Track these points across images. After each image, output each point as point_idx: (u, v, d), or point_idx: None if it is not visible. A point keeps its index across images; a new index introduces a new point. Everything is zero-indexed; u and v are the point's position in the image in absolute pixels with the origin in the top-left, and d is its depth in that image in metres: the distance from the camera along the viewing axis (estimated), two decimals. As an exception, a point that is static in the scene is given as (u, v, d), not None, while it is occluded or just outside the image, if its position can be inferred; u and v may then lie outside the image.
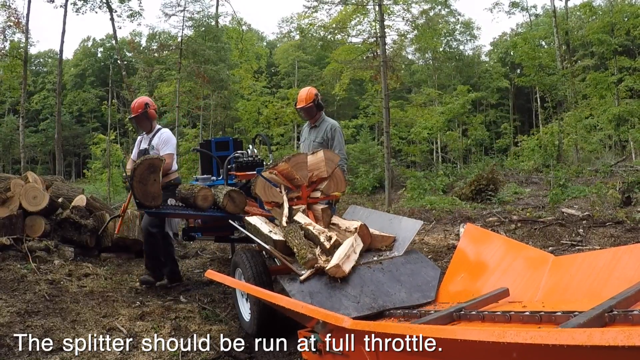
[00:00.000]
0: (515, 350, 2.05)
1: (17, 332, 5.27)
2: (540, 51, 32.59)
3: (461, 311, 3.62)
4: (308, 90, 7.81)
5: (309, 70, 54.91)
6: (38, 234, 8.37)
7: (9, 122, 54.01)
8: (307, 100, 7.65)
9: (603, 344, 1.68)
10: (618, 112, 31.87)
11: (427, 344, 2.59)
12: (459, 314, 3.60)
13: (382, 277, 4.90)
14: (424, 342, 2.56)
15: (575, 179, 20.69)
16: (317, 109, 7.68)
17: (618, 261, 3.69)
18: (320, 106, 7.70)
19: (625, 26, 33.48)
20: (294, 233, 5.24)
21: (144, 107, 7.78)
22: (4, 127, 54.20)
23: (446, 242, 10.41)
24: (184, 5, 32.60)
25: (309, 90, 7.76)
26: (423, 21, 29.41)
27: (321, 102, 7.72)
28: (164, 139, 7.79)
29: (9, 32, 29.64)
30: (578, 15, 40.91)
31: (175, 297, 7.13)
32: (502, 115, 59.19)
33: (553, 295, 3.84)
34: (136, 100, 7.97)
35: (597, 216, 10.74)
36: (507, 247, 4.86)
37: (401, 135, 38.09)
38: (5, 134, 53.56)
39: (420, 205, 17.04)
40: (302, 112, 7.80)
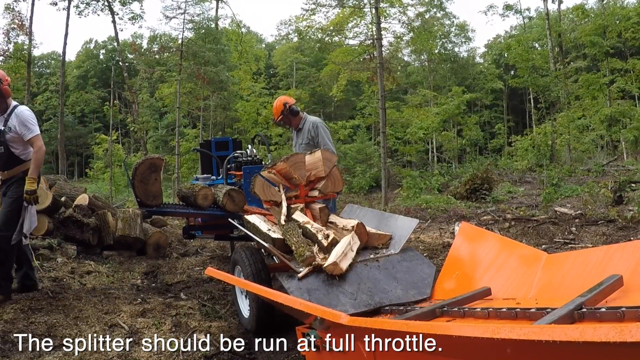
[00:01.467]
0: (510, 346, 2.05)
1: (21, 328, 5.26)
2: (533, 53, 32.72)
3: (444, 307, 3.66)
4: (275, 104, 7.86)
5: (307, 72, 54.89)
6: (41, 233, 8.37)
7: (13, 123, 53.83)
8: (276, 114, 7.78)
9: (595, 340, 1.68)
10: (610, 112, 32.02)
11: (421, 340, 2.59)
12: (442, 310, 3.64)
13: (378, 275, 4.90)
14: (419, 338, 2.56)
15: (568, 179, 20.73)
16: (292, 115, 7.67)
17: (610, 259, 3.70)
18: (293, 112, 7.68)
19: (616, 28, 33.57)
20: (292, 231, 5.24)
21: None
22: (8, 128, 54.03)
23: (441, 240, 10.42)
24: (185, 8, 32.67)
25: (276, 104, 7.80)
26: (419, 24, 29.45)
27: (294, 108, 7.69)
28: (24, 118, 6.32)
29: (12, 34, 29.79)
30: (571, 17, 40.97)
31: (176, 294, 7.13)
32: (496, 115, 59.32)
33: (546, 292, 3.84)
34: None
35: (590, 215, 10.76)
36: (501, 245, 4.86)
37: (397, 135, 38.15)
38: (9, 134, 53.40)
39: (416, 204, 17.06)
40: (281, 121, 7.84)
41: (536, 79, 30.90)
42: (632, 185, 15.00)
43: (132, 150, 44.01)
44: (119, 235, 9.04)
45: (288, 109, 7.59)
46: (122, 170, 31.87)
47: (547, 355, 1.99)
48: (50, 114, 60.10)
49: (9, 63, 30.14)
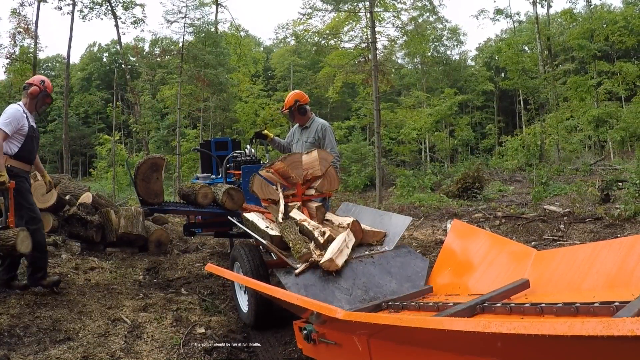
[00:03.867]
0: (500, 340, 2.05)
1: (27, 322, 5.26)
2: (523, 56, 32.72)
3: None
4: (289, 96, 7.83)
5: (304, 74, 54.93)
6: (47, 230, 8.34)
7: (19, 124, 53.87)
8: (285, 106, 7.70)
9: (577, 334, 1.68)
10: (597, 113, 32.10)
11: (415, 334, 2.58)
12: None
13: (373, 270, 4.90)
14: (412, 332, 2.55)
15: (557, 178, 20.75)
16: (299, 111, 7.65)
17: (597, 255, 3.70)
18: (301, 110, 7.66)
19: (604, 32, 33.63)
20: (289, 229, 5.24)
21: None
22: (14, 128, 54.07)
23: (434, 237, 10.43)
24: (185, 13, 32.70)
25: (290, 97, 7.78)
26: (412, 27, 29.41)
27: (304, 107, 7.67)
28: None
29: (19, 37, 29.82)
30: (559, 21, 41.03)
31: (177, 290, 7.12)
32: (487, 116, 59.41)
33: (536, 288, 3.84)
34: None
35: (578, 213, 10.77)
36: (492, 242, 4.86)
37: (391, 135, 38.18)
38: (15, 134, 53.44)
39: (410, 202, 17.08)
40: (287, 114, 7.81)
41: (526, 81, 30.91)
42: (619, 184, 15.05)
43: (134, 150, 44.05)
44: (121, 232, 9.02)
45: (297, 106, 7.59)
46: (124, 169, 31.88)
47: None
48: (55, 115, 60.06)
49: (15, 66, 30.22)
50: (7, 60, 30.36)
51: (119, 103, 38.26)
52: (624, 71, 35.48)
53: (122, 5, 32.71)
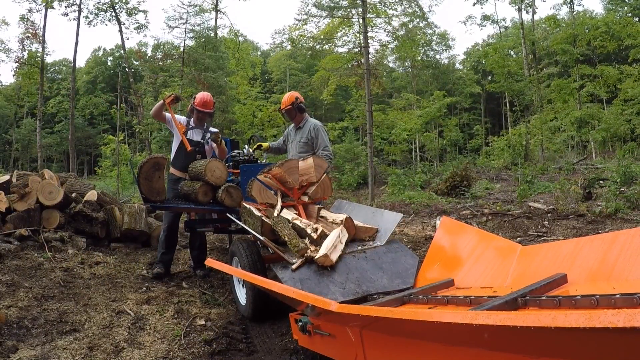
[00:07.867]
0: (487, 332, 2.05)
1: (35, 314, 5.25)
2: (509, 60, 32.78)
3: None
4: (289, 94, 7.84)
5: (300, 77, 54.93)
6: (53, 226, 8.33)
7: (27, 125, 53.97)
8: (286, 103, 7.71)
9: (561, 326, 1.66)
10: (580, 115, 32.18)
11: (406, 326, 2.58)
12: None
13: (365, 265, 4.91)
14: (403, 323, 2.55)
15: (541, 176, 20.75)
16: (297, 111, 7.65)
17: (580, 250, 3.71)
18: (301, 109, 7.66)
19: (586, 37, 33.65)
20: (282, 224, 5.24)
21: None
22: (23, 129, 54.26)
23: (424, 233, 10.42)
24: (186, 19, 32.70)
25: (290, 95, 7.79)
26: (403, 33, 29.36)
27: (302, 105, 7.68)
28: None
29: (27, 42, 29.82)
30: (543, 27, 40.99)
31: (178, 283, 7.12)
32: (475, 118, 59.60)
33: (521, 282, 3.85)
34: None
35: (561, 210, 10.78)
36: (479, 238, 4.87)
37: (383, 136, 38.12)
38: (24, 135, 53.62)
39: (400, 199, 17.05)
40: (285, 113, 7.80)
41: (511, 84, 30.98)
42: (600, 183, 15.09)
43: (138, 150, 43.84)
44: (125, 228, 9.01)
45: (297, 104, 7.59)
46: (128, 168, 31.75)
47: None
48: (61, 116, 60.05)
49: (23, 69, 30.20)
50: (16, 64, 30.31)
51: (123, 105, 38.07)
52: (605, 74, 35.57)
53: (126, 12, 32.62)
